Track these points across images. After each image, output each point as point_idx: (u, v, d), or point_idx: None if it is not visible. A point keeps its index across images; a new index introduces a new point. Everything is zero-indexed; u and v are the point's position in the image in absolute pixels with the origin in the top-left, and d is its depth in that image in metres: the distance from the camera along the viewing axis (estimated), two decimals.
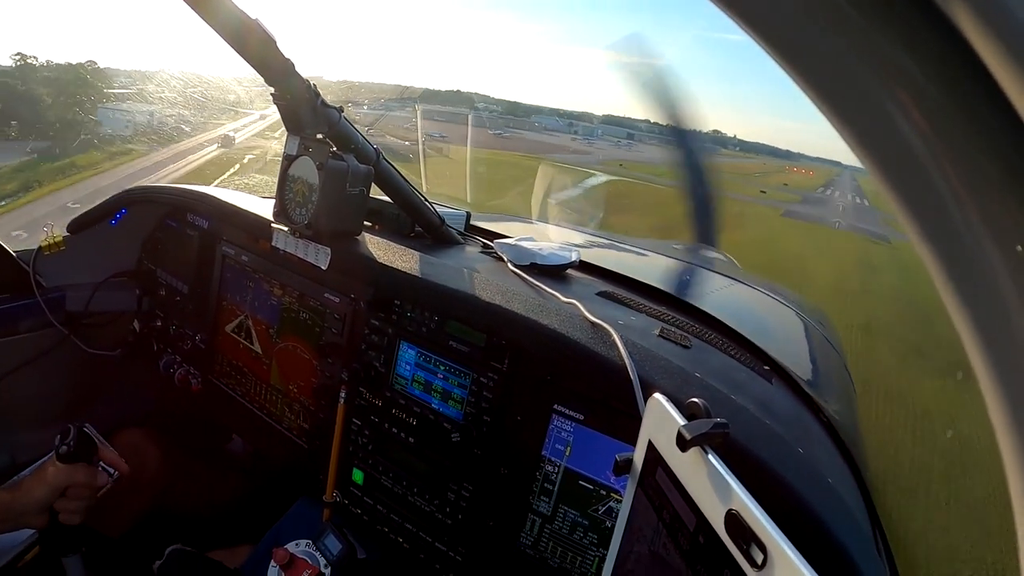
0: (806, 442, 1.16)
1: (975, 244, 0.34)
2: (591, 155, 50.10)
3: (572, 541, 1.15)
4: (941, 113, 0.33)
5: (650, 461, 0.67)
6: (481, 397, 1.24)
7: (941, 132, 0.34)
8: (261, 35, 1.20)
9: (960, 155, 0.33)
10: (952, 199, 0.34)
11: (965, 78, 0.32)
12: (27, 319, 1.78)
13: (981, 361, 0.36)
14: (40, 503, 1.27)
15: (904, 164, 0.36)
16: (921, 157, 0.34)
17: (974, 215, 0.34)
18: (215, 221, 1.79)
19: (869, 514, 1.19)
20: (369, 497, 1.44)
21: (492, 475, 1.24)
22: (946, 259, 0.36)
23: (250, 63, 1.25)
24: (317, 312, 1.53)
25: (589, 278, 1.72)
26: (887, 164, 0.37)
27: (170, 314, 1.94)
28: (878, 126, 0.36)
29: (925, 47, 0.33)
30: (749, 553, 0.48)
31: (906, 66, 0.33)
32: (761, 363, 1.41)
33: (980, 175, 0.33)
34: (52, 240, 1.84)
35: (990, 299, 0.34)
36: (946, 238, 0.36)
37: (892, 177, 0.37)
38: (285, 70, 1.28)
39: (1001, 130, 0.31)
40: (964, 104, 0.33)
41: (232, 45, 1.21)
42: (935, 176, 0.34)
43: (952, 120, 0.33)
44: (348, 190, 1.41)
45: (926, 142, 0.34)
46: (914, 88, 0.34)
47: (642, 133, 76.48)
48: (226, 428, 2.14)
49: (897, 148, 0.35)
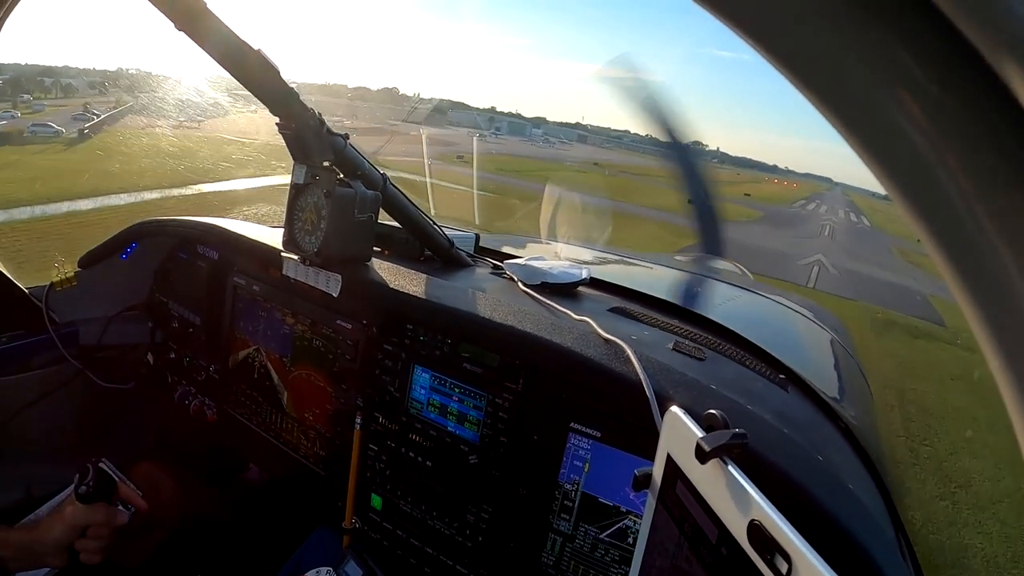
0: (825, 449, 1.15)
1: (985, 243, 0.34)
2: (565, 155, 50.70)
3: (594, 559, 1.14)
4: (944, 111, 0.33)
5: (669, 475, 0.66)
6: (497, 418, 1.24)
7: (945, 131, 0.34)
8: (264, 65, 1.22)
9: (965, 153, 0.33)
10: (959, 198, 0.34)
11: (967, 75, 0.32)
12: (41, 354, 1.80)
13: (997, 360, 0.36)
14: (59, 543, 1.27)
15: (909, 165, 0.36)
16: (926, 157, 0.34)
17: (982, 213, 0.34)
18: (225, 252, 1.80)
19: (892, 518, 1.18)
20: (388, 522, 1.43)
21: (511, 496, 1.23)
22: (956, 258, 0.36)
23: (254, 93, 1.27)
24: (330, 339, 1.53)
25: (600, 294, 1.72)
26: (892, 165, 0.37)
27: (183, 345, 1.95)
28: (881, 127, 0.36)
29: (925, 44, 0.33)
30: (773, 563, 0.48)
31: (906, 64, 0.34)
32: (776, 372, 1.41)
33: (987, 173, 0.33)
34: (63, 275, 1.86)
35: (1003, 297, 0.34)
36: (955, 237, 0.35)
37: (898, 179, 0.37)
38: (289, 99, 1.29)
39: (1006, 126, 0.31)
40: (967, 101, 0.33)
41: (236, 76, 1.23)
42: (941, 176, 0.34)
43: (956, 118, 0.33)
44: (356, 216, 1.42)
45: (930, 141, 0.34)
46: (915, 87, 0.34)
47: (626, 143, 78.36)
48: (242, 457, 2.14)
49: (901, 149, 0.35)
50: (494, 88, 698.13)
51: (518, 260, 1.75)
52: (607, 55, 40.33)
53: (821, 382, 1.49)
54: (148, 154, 7.15)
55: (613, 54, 33.75)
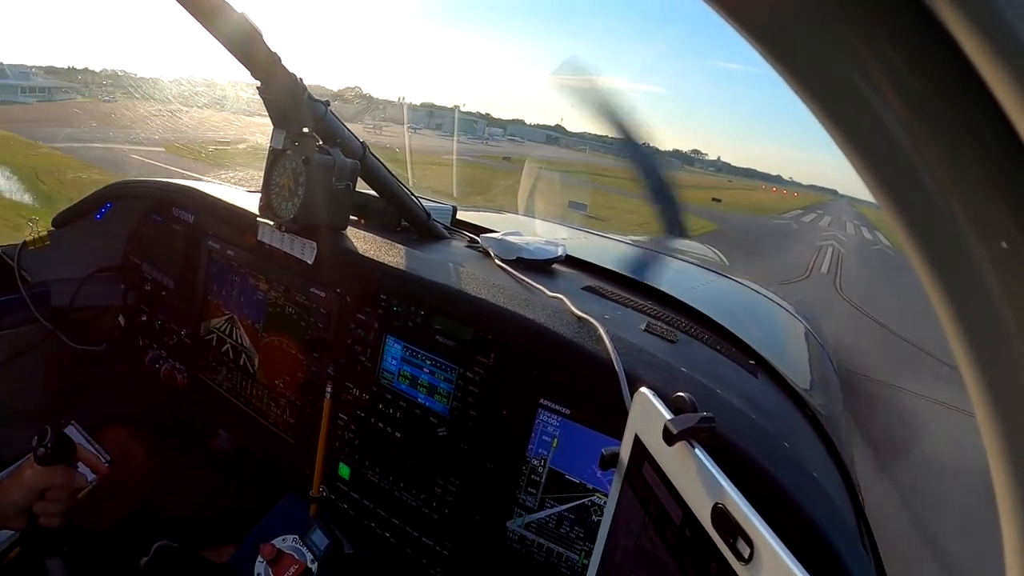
0: (791, 436, 1.17)
1: (960, 240, 0.34)
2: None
3: (559, 535, 1.15)
4: (926, 107, 0.33)
5: (636, 455, 0.67)
6: (467, 392, 1.24)
7: (926, 126, 0.34)
8: (247, 27, 1.19)
9: (945, 149, 0.33)
10: (937, 194, 0.34)
11: (949, 72, 0.32)
12: (11, 314, 1.77)
13: (965, 355, 0.36)
14: (18, 506, 1.25)
15: (889, 159, 0.35)
16: (906, 151, 0.34)
17: (959, 210, 0.34)
18: (200, 215, 1.77)
19: (854, 508, 1.21)
20: (356, 492, 1.44)
21: (478, 469, 1.24)
22: (932, 255, 0.36)
23: (236, 56, 1.24)
24: (303, 307, 1.52)
25: (575, 272, 1.72)
26: (871, 158, 0.37)
27: (156, 309, 1.92)
28: (863, 120, 0.36)
29: (909, 39, 0.33)
30: (736, 547, 0.48)
31: (890, 59, 0.33)
32: (747, 357, 1.42)
33: (965, 170, 0.33)
34: (37, 235, 1.82)
35: (976, 294, 0.34)
36: (932, 233, 0.36)
37: (877, 172, 0.37)
38: (271, 63, 1.26)
39: (986, 124, 0.31)
40: (949, 99, 0.33)
41: (218, 38, 1.20)
42: (920, 171, 0.34)
43: (937, 114, 0.33)
44: (334, 184, 1.40)
45: (911, 136, 0.34)
46: (897, 78, 0.34)
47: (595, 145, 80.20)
48: (212, 423, 2.13)
49: (882, 142, 0.35)
50: (476, 93, 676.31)
51: (494, 234, 1.74)
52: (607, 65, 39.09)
53: (791, 370, 1.51)
54: None
55: (613, 62, 31.70)
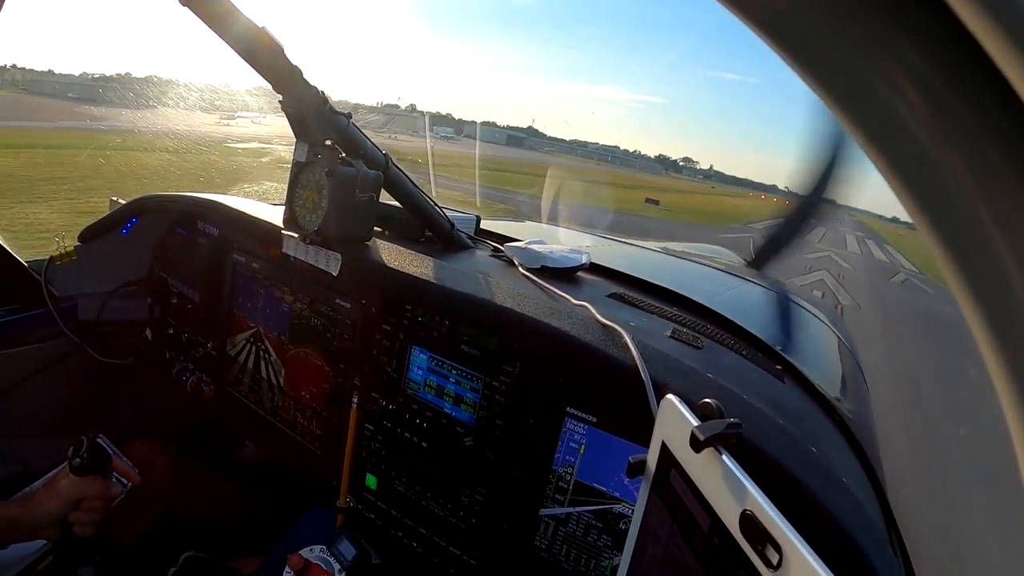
0: (819, 441, 1.15)
1: (983, 236, 0.34)
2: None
3: (586, 543, 1.15)
4: (946, 104, 0.33)
5: (663, 462, 0.66)
6: (493, 401, 1.24)
7: (947, 124, 0.33)
8: (268, 43, 1.21)
9: (966, 146, 0.33)
10: (959, 191, 0.34)
11: (969, 68, 0.31)
12: (39, 329, 1.80)
13: (991, 352, 0.36)
14: (53, 516, 1.28)
15: (910, 157, 0.35)
16: (927, 149, 0.34)
17: (982, 207, 0.34)
18: (225, 229, 1.80)
19: (884, 513, 1.18)
20: (383, 502, 1.44)
21: (505, 479, 1.23)
22: (955, 251, 0.36)
23: (258, 71, 1.26)
24: (328, 318, 1.53)
25: (600, 280, 1.72)
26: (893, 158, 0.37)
27: (182, 322, 1.95)
28: (883, 119, 0.36)
29: (928, 36, 0.33)
30: (764, 554, 0.48)
31: (909, 56, 0.33)
32: (773, 362, 1.41)
33: (987, 166, 0.33)
34: (63, 250, 1.86)
35: (1000, 290, 0.34)
36: (955, 231, 0.35)
37: (899, 171, 0.37)
38: (293, 77, 1.28)
39: (1007, 120, 0.31)
40: (969, 95, 0.32)
41: (240, 53, 1.22)
42: (941, 168, 0.34)
43: (957, 111, 0.33)
44: (358, 196, 1.41)
45: (931, 134, 0.34)
46: (919, 79, 0.33)
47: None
48: (239, 435, 2.15)
49: (903, 141, 0.35)
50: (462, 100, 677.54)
51: (518, 243, 1.74)
52: (607, 77, 38.61)
53: (818, 375, 1.49)
54: None
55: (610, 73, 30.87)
